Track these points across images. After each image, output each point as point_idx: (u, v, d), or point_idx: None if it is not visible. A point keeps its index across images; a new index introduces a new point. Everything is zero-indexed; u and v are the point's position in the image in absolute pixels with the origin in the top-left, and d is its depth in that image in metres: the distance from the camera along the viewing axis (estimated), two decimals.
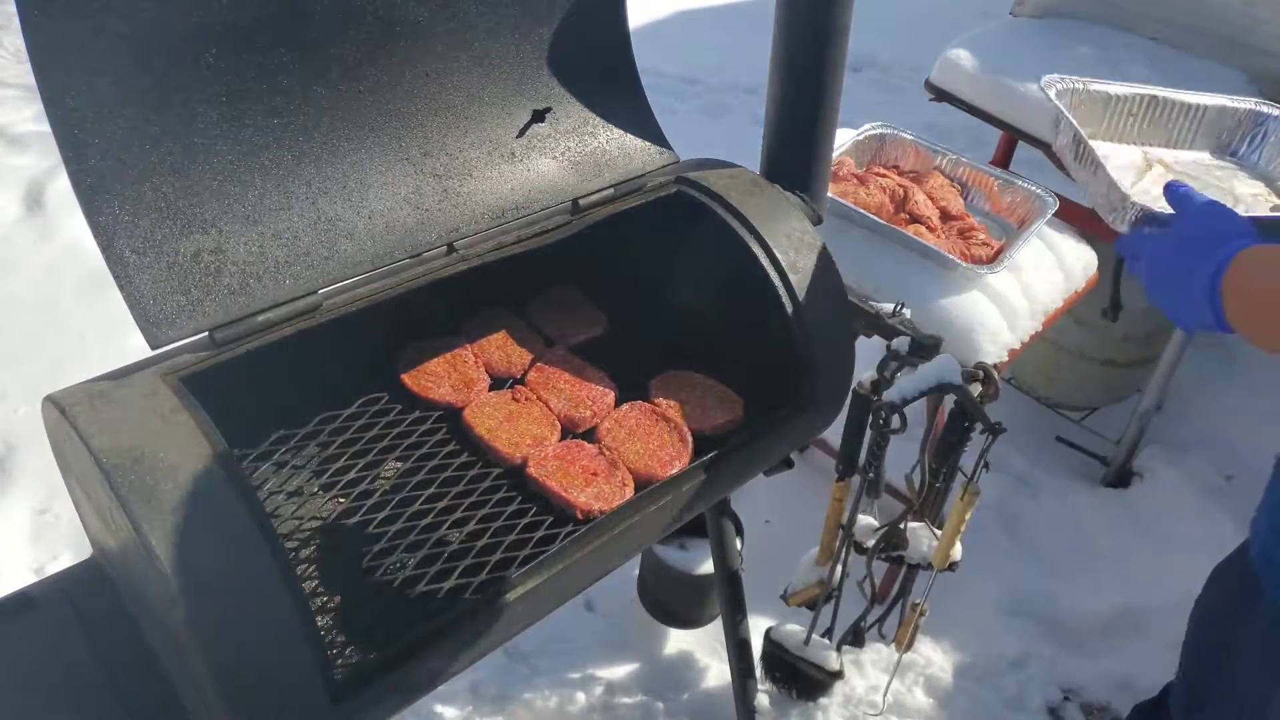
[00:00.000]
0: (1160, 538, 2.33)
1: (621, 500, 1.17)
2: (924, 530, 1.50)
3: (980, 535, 2.28)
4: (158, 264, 0.92)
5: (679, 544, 1.88)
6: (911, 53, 4.39)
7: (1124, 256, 1.18)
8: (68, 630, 1.01)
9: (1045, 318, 1.78)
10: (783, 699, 1.83)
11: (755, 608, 1.77)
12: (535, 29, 1.20)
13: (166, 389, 0.89)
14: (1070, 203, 2.03)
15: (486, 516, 1.17)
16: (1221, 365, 2.78)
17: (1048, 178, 1.98)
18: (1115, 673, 2.09)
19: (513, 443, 1.24)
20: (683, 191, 1.31)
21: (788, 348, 1.25)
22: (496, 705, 1.93)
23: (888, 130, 1.96)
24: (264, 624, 0.82)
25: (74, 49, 0.85)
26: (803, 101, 1.35)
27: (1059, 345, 2.51)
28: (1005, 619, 2.18)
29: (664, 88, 4.18)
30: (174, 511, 0.80)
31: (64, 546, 2.16)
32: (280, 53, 0.98)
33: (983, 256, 1.74)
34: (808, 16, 1.28)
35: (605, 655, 2.04)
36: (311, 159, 1.03)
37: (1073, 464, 2.56)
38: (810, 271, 1.27)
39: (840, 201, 1.75)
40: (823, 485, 1.74)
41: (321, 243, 1.02)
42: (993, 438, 1.30)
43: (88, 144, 0.87)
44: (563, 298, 1.52)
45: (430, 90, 1.12)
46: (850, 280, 1.49)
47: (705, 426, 1.31)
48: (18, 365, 2.55)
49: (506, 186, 1.18)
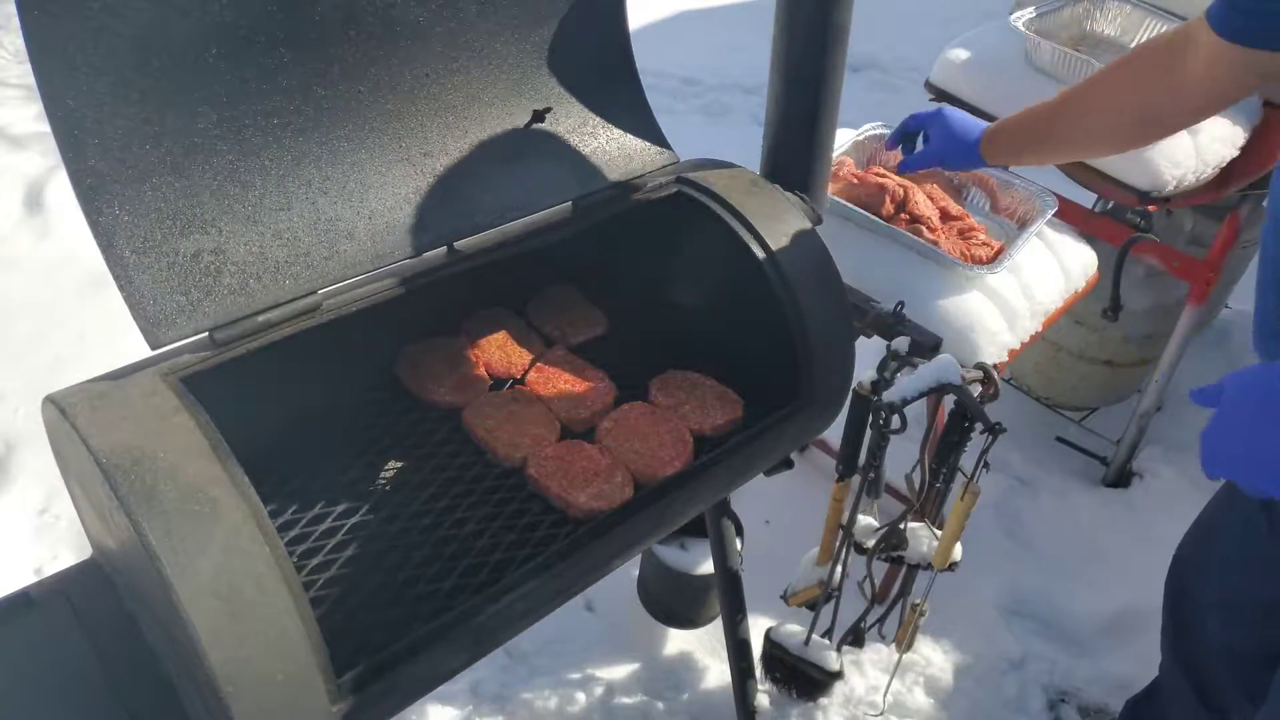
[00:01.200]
0: (1160, 538, 2.32)
1: (621, 500, 1.17)
2: (924, 530, 1.50)
3: (980, 535, 2.28)
4: (158, 264, 0.92)
5: (679, 544, 1.88)
6: (911, 53, 4.40)
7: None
8: (67, 630, 1.01)
9: (1045, 318, 1.78)
10: (783, 699, 1.83)
11: (755, 608, 1.77)
12: (535, 29, 1.20)
13: (166, 389, 0.89)
14: (1070, 203, 2.03)
15: (486, 516, 1.17)
16: (1222, 366, 2.78)
17: (1048, 178, 1.98)
18: (1115, 673, 2.09)
19: (513, 443, 1.24)
20: (683, 191, 1.31)
21: (788, 348, 1.25)
22: (496, 705, 1.93)
23: (888, 130, 1.96)
24: (264, 624, 0.82)
25: (74, 49, 0.85)
26: (803, 102, 1.36)
27: (1059, 345, 2.51)
28: (1005, 619, 2.18)
29: (664, 88, 4.18)
30: (174, 511, 0.80)
31: (64, 546, 2.16)
32: (280, 53, 0.98)
33: (982, 256, 1.74)
34: (808, 16, 1.28)
35: (605, 655, 2.04)
36: (311, 159, 1.03)
37: (1073, 464, 2.56)
38: (810, 272, 1.27)
39: (840, 201, 1.75)
40: (823, 485, 1.74)
41: (321, 243, 1.02)
42: (993, 438, 1.30)
43: (88, 144, 0.87)
44: (563, 298, 1.52)
45: (430, 90, 1.12)
46: (850, 280, 1.49)
47: (705, 426, 1.31)
48: (18, 365, 2.56)
49: (506, 186, 1.18)
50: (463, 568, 1.10)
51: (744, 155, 1.48)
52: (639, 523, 1.13)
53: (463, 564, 1.10)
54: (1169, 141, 1.80)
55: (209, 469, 0.84)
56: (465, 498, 1.19)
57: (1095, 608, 2.20)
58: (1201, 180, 1.87)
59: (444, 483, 1.21)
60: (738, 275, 1.27)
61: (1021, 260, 1.77)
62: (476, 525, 1.15)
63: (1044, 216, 1.81)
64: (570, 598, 1.12)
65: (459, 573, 1.09)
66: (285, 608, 0.83)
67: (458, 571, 1.09)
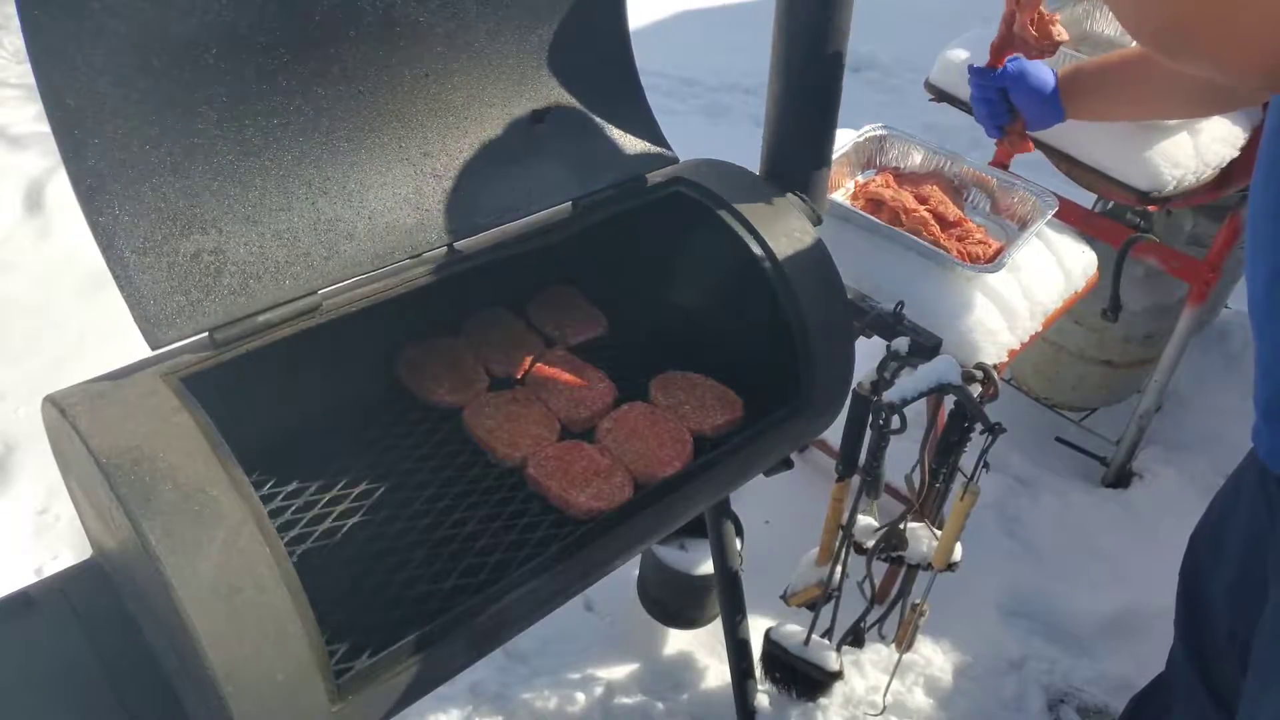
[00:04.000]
0: (1160, 538, 2.33)
1: (621, 500, 1.17)
2: (924, 530, 1.50)
3: (980, 535, 2.28)
4: (158, 264, 0.92)
5: (679, 544, 1.88)
6: (911, 53, 4.39)
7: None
8: (67, 630, 1.01)
9: (1045, 318, 1.78)
10: (782, 699, 1.83)
11: (755, 608, 1.77)
12: (535, 29, 1.20)
13: (166, 389, 0.89)
14: (1070, 203, 2.03)
15: (486, 516, 1.17)
16: (1221, 365, 2.78)
17: (1047, 178, 1.97)
18: (1115, 673, 2.09)
19: (512, 443, 1.24)
20: (682, 191, 1.31)
21: (788, 348, 1.25)
22: (496, 705, 1.93)
23: (888, 131, 1.96)
24: (264, 624, 0.82)
25: (74, 49, 0.85)
26: (802, 102, 1.35)
27: (1059, 346, 2.51)
28: (1005, 619, 2.18)
29: (664, 88, 4.18)
30: (174, 511, 0.80)
31: (64, 546, 2.16)
32: (280, 53, 0.98)
33: (982, 256, 1.74)
34: (808, 16, 1.28)
35: (605, 655, 2.04)
36: (311, 159, 1.03)
37: (1072, 464, 2.56)
38: (810, 272, 1.27)
39: (840, 202, 1.75)
40: (823, 485, 1.74)
41: (321, 243, 1.02)
42: (993, 438, 1.30)
43: (88, 144, 0.87)
44: (563, 298, 1.52)
45: (430, 90, 1.12)
46: (850, 280, 1.49)
47: (705, 426, 1.31)
48: (18, 365, 2.55)
49: (506, 187, 1.18)
50: (463, 568, 1.10)
51: (744, 155, 1.48)
52: (639, 523, 1.13)
53: (463, 564, 1.10)
54: (1169, 141, 1.80)
55: (209, 469, 0.84)
56: (465, 498, 1.19)
57: (1095, 608, 2.20)
58: (1201, 180, 1.87)
59: (444, 483, 1.21)
60: (737, 275, 1.27)
61: (1021, 260, 1.77)
62: (476, 525, 1.15)
63: (1044, 217, 1.81)
64: (570, 598, 1.12)
65: (459, 573, 1.09)
66: (285, 608, 0.83)
67: (458, 572, 1.09)
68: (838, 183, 1.87)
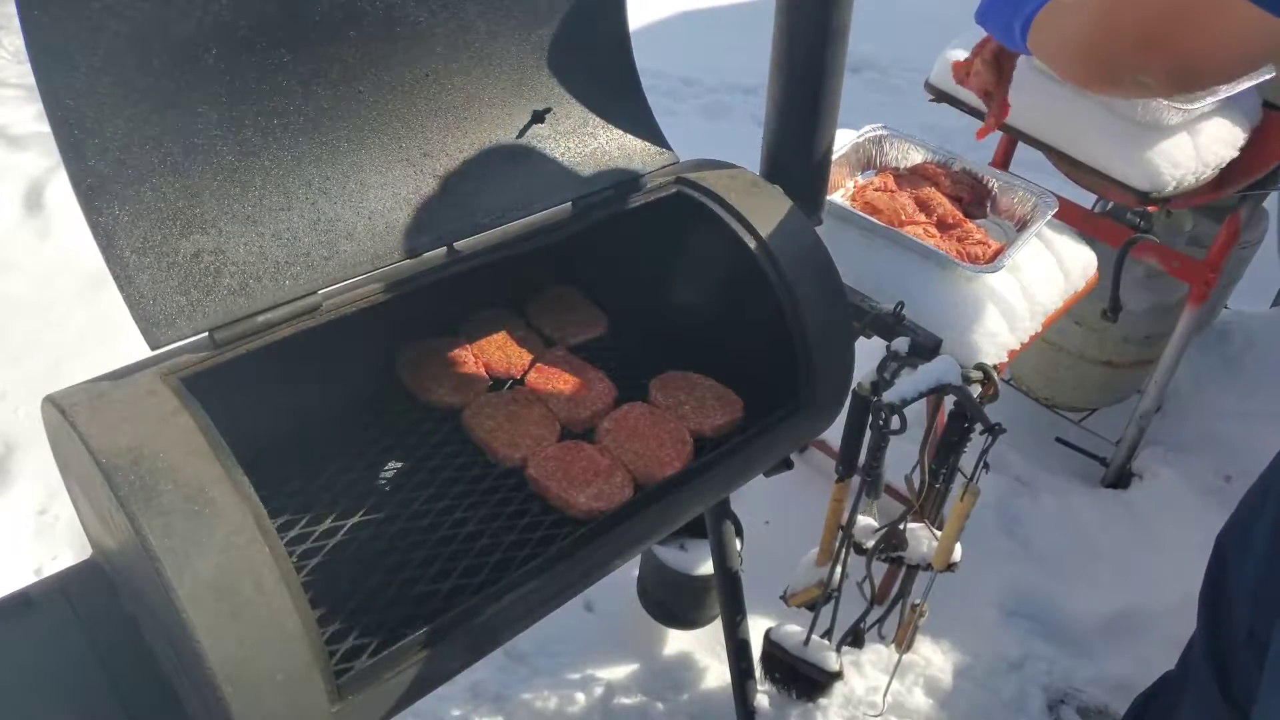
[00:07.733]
0: (1160, 538, 2.33)
1: (621, 500, 1.17)
2: (924, 531, 1.50)
3: (980, 535, 2.28)
4: (157, 264, 0.92)
5: (679, 544, 1.88)
6: (911, 53, 4.40)
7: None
8: (67, 630, 1.01)
9: (1045, 318, 1.78)
10: (782, 699, 1.83)
11: (755, 608, 1.77)
12: (535, 29, 1.20)
13: (166, 389, 0.89)
14: (1070, 203, 2.03)
15: (486, 516, 1.17)
16: (1221, 366, 2.78)
17: (1047, 179, 1.98)
18: (1115, 673, 2.09)
19: (512, 443, 1.24)
20: (682, 191, 1.31)
21: (788, 348, 1.25)
22: (496, 705, 1.93)
23: (888, 132, 1.96)
24: (264, 624, 0.82)
25: (74, 49, 0.85)
26: (802, 102, 1.36)
27: (1059, 346, 2.51)
28: (1005, 619, 2.18)
29: (664, 88, 4.18)
30: (174, 511, 0.80)
31: (64, 546, 2.16)
32: (280, 53, 0.98)
33: (982, 257, 1.74)
34: (808, 17, 1.28)
35: (605, 655, 2.04)
36: (311, 159, 1.03)
37: (1072, 464, 2.56)
38: (810, 272, 1.27)
39: (840, 202, 1.75)
40: (823, 485, 1.74)
41: (321, 243, 1.02)
42: (992, 438, 1.30)
43: (88, 144, 0.87)
44: (563, 298, 1.52)
45: (430, 91, 1.12)
46: (850, 280, 1.49)
47: (705, 426, 1.31)
48: (18, 365, 2.55)
49: (506, 187, 1.18)
50: (463, 568, 1.10)
51: (744, 155, 1.48)
52: (639, 523, 1.13)
53: (463, 564, 1.10)
54: (1169, 141, 1.80)
55: (209, 469, 0.84)
56: (465, 498, 1.19)
57: (1095, 608, 2.20)
58: (1201, 181, 1.87)
59: (444, 483, 1.21)
60: (737, 276, 1.27)
61: (1021, 261, 1.77)
62: (476, 525, 1.15)
63: (1044, 217, 1.81)
64: (570, 598, 1.12)
65: (459, 573, 1.09)
66: (285, 608, 0.83)
67: (458, 572, 1.09)
68: (837, 183, 1.87)
